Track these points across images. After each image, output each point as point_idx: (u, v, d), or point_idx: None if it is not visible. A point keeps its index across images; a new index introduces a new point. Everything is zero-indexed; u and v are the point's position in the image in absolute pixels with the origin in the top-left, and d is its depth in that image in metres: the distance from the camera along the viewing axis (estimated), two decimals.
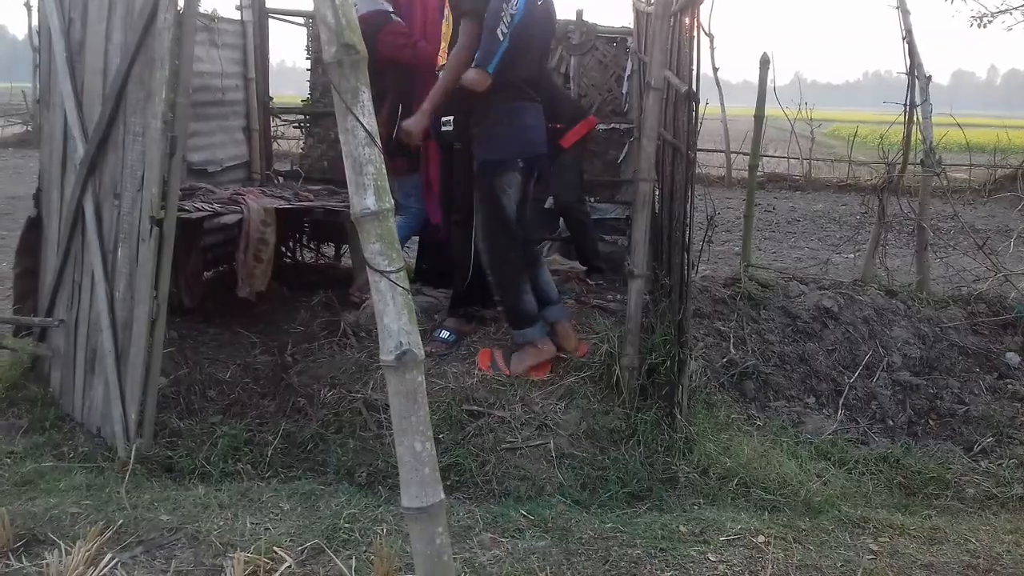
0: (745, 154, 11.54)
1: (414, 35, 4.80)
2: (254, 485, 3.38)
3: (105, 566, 2.60)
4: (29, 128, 17.83)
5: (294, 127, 6.63)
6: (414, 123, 4.21)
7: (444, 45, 4.32)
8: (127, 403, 3.55)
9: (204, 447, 3.62)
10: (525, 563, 2.82)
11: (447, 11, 4.35)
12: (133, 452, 3.44)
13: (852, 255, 8.59)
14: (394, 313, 2.09)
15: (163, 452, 3.59)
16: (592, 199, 6.22)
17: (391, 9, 4.73)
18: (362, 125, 2.05)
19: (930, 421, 4.50)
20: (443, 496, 2.06)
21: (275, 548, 2.73)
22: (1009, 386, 4.68)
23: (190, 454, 3.58)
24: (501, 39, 3.88)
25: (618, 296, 5.32)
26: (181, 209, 3.96)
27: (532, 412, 3.88)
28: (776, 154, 17.44)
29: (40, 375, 4.17)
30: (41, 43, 4.01)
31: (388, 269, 2.09)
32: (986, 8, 15.61)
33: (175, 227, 3.51)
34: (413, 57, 4.76)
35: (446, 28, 4.34)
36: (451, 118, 4.19)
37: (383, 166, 2.11)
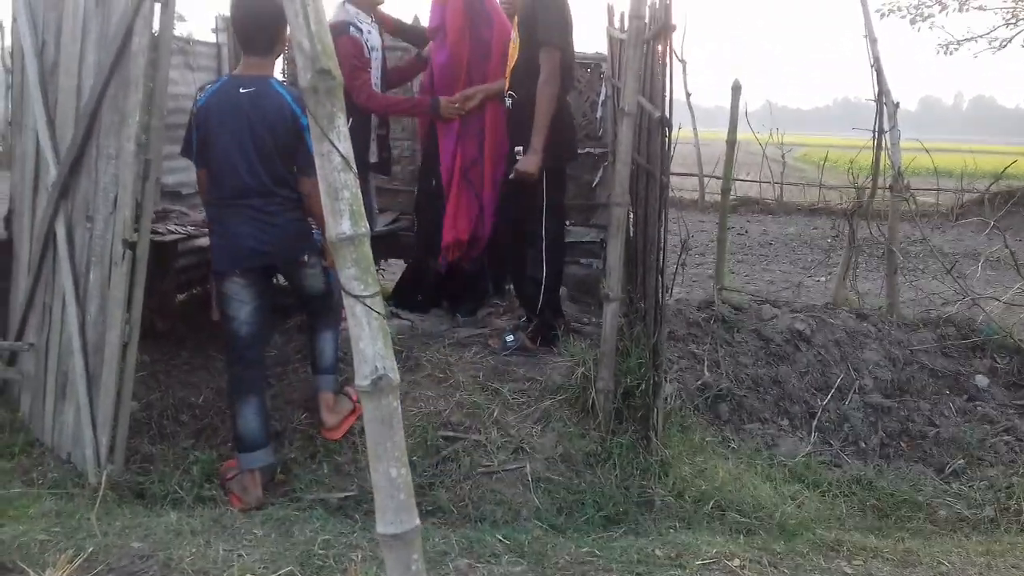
0: (718, 178, 11.68)
1: (365, 64, 4.62)
2: (227, 511, 3.34)
3: None
4: (1, 149, 17.64)
5: None
6: (532, 163, 4.34)
7: (509, 68, 4.58)
8: (98, 428, 3.50)
9: (176, 472, 3.58)
10: None
11: (515, 34, 4.45)
12: (104, 478, 3.39)
13: (824, 278, 8.71)
14: (369, 338, 2.08)
15: (135, 478, 3.54)
16: (567, 222, 6.25)
17: (354, 23, 4.62)
18: (337, 150, 2.06)
19: (902, 443, 4.54)
20: (418, 522, 2.05)
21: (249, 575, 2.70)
22: (979, 408, 4.75)
23: (162, 479, 3.53)
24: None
25: (593, 319, 5.34)
26: (154, 232, 3.93)
27: (508, 436, 3.87)
28: (748, 178, 17.65)
29: (9, 400, 4.11)
30: (14, 64, 3.99)
31: (363, 294, 2.08)
32: (952, 36, 16.01)
33: (148, 250, 3.48)
34: (349, 80, 4.68)
35: (512, 49, 4.55)
36: (521, 148, 4.42)
37: (359, 191, 2.11)
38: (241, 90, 3.50)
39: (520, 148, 4.43)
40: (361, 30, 4.58)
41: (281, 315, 4.77)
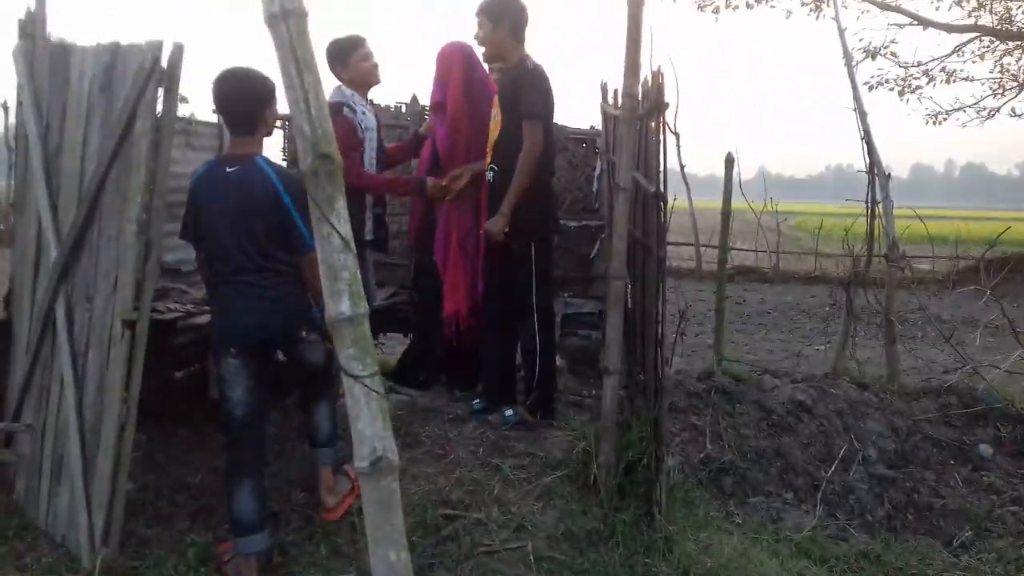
0: (714, 247, 11.75)
1: (356, 144, 4.69)
2: None
3: None
4: (2, 227, 17.78)
5: None
6: (496, 224, 4.45)
7: (490, 144, 4.69)
8: (93, 511, 3.45)
9: (172, 556, 3.51)
10: None
11: (495, 111, 4.57)
12: (98, 563, 3.33)
13: (823, 347, 8.69)
14: (368, 418, 2.07)
15: (129, 562, 3.47)
16: (565, 294, 6.28)
17: (348, 104, 4.72)
18: (337, 232, 2.08)
19: (908, 515, 4.48)
20: None
21: None
22: (984, 478, 4.70)
23: (157, 564, 3.46)
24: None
25: (593, 392, 5.31)
26: (154, 310, 3.94)
27: (509, 513, 3.82)
28: (744, 247, 17.81)
29: (4, 482, 4.06)
30: (17, 148, 4.04)
31: (362, 374, 2.08)
32: (940, 107, 16.29)
33: (147, 329, 3.48)
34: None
35: (494, 127, 4.67)
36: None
37: (358, 272, 2.13)
38: (227, 170, 3.54)
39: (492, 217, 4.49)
40: (355, 111, 4.68)
41: (280, 392, 4.75)
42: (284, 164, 6.54)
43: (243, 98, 3.56)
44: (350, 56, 4.72)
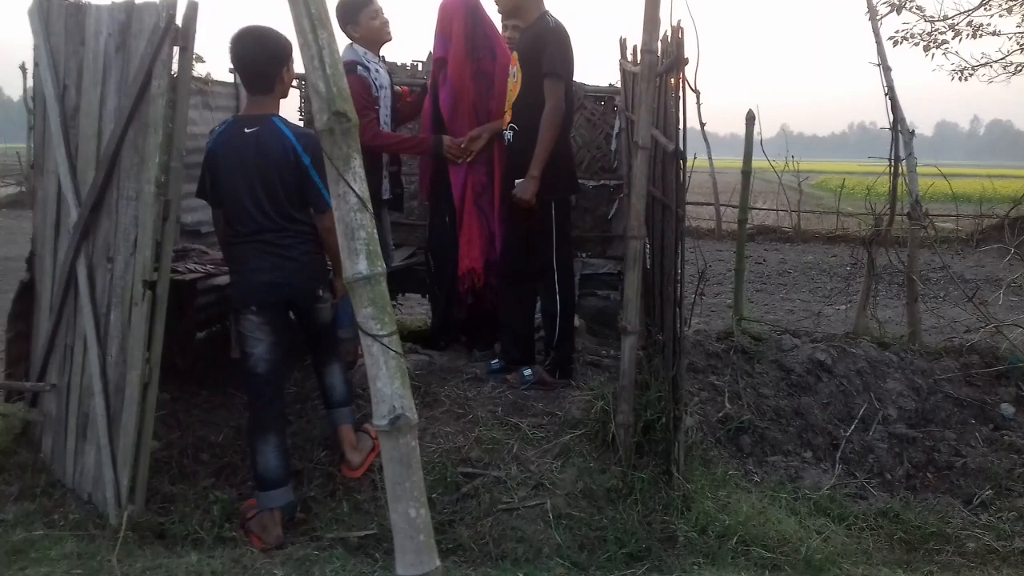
0: (734, 207, 11.65)
1: (372, 103, 4.67)
2: (247, 551, 3.34)
3: None
4: (23, 189, 17.93)
5: None
6: (527, 188, 4.42)
7: (509, 102, 4.65)
8: (119, 468, 3.51)
9: (197, 512, 3.57)
10: None
11: (514, 68, 4.52)
12: (125, 519, 3.39)
13: (843, 307, 8.63)
14: (387, 377, 2.09)
15: (155, 518, 3.53)
16: (584, 254, 6.25)
17: (362, 62, 4.65)
18: (353, 191, 2.08)
19: (928, 474, 4.47)
20: (439, 563, 2.03)
21: None
22: (1005, 437, 4.67)
23: (183, 520, 3.52)
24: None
25: (611, 352, 5.31)
26: (174, 271, 3.96)
27: (528, 471, 3.85)
28: (765, 206, 17.65)
29: (31, 441, 4.13)
30: (36, 109, 4.05)
31: (381, 333, 2.09)
32: (966, 62, 15.96)
33: (168, 289, 3.51)
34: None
35: (513, 85, 4.62)
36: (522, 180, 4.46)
37: (375, 231, 2.12)
38: (246, 130, 3.56)
39: (520, 180, 4.46)
40: (369, 69, 4.65)
41: (299, 352, 4.79)
42: (301, 124, 6.51)
43: (260, 57, 3.55)
44: (360, 14, 4.67)
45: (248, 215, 3.56)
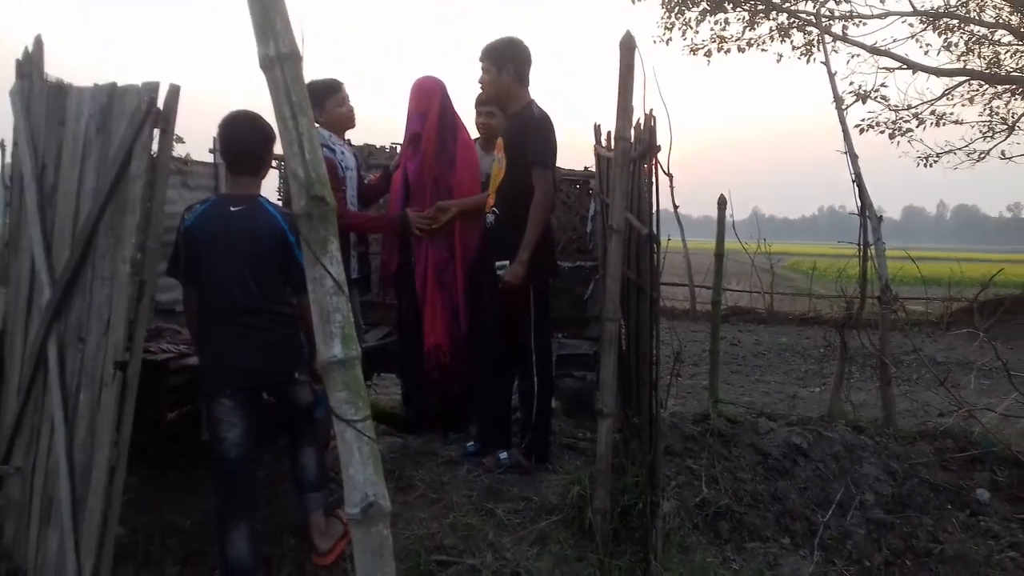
0: (707, 288, 11.77)
1: (338, 184, 4.72)
2: None
3: None
4: None
5: None
6: (518, 274, 4.44)
7: (493, 186, 4.72)
8: (82, 555, 3.39)
9: None
10: None
11: (499, 155, 4.61)
12: None
13: (818, 389, 8.66)
14: (359, 464, 2.05)
15: None
16: (560, 335, 6.26)
17: (328, 144, 4.70)
18: (330, 274, 2.08)
19: (907, 561, 4.42)
20: None
21: None
22: (982, 523, 4.65)
23: None
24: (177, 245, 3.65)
25: (588, 434, 5.28)
26: (146, 351, 3.91)
27: (503, 559, 3.76)
28: (738, 288, 17.83)
29: None
30: (13, 187, 4.05)
31: (354, 418, 2.06)
32: (931, 149, 16.46)
33: (139, 370, 3.46)
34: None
35: (496, 170, 4.71)
36: (507, 262, 4.50)
37: (350, 314, 2.12)
38: (231, 208, 3.58)
39: (504, 262, 4.51)
40: (334, 151, 4.73)
41: (269, 435, 4.71)
42: (279, 204, 6.54)
43: (254, 140, 3.62)
44: (327, 100, 4.78)
45: (230, 296, 3.53)
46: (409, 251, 5.09)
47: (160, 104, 3.45)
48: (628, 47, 3.74)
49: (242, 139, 3.63)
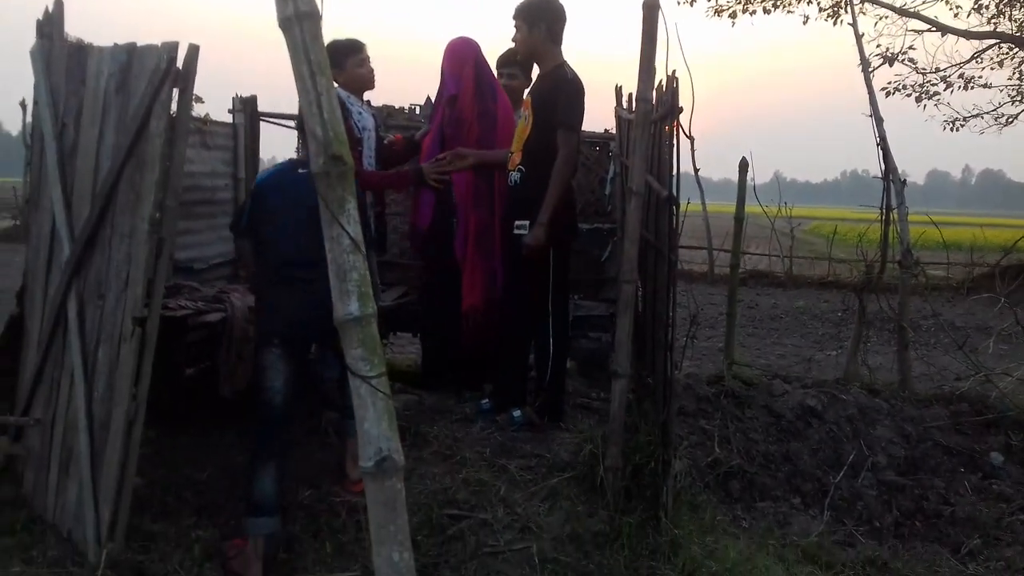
0: (727, 251, 11.71)
1: (355, 143, 4.68)
2: None
3: None
4: (17, 223, 17.92)
5: None
6: (539, 237, 4.46)
7: (519, 144, 4.67)
8: (100, 505, 3.47)
9: (177, 552, 3.52)
10: None
11: (526, 112, 4.58)
12: (104, 556, 3.35)
13: (834, 352, 8.64)
14: (374, 419, 2.09)
15: (135, 556, 3.48)
16: (576, 296, 6.27)
17: (345, 104, 4.66)
18: (347, 233, 2.10)
19: (916, 522, 4.45)
20: None
21: None
22: (994, 487, 4.66)
23: (163, 559, 3.48)
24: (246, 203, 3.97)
25: (602, 394, 5.31)
26: (165, 307, 3.97)
27: (515, 514, 3.82)
28: (757, 251, 17.72)
29: (14, 475, 4.09)
30: (33, 146, 4.08)
31: (369, 374, 2.10)
32: (958, 113, 16.19)
33: (158, 326, 3.51)
34: None
35: (522, 127, 4.68)
36: (526, 222, 4.51)
37: (367, 273, 2.14)
38: (300, 171, 3.82)
39: (524, 222, 4.50)
40: (351, 111, 4.71)
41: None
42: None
43: None
44: (346, 60, 4.75)
45: (286, 251, 3.74)
46: (443, 211, 5.09)
47: (180, 64, 3.46)
48: (651, 7, 3.71)
49: None
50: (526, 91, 5.06)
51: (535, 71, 4.95)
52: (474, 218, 4.97)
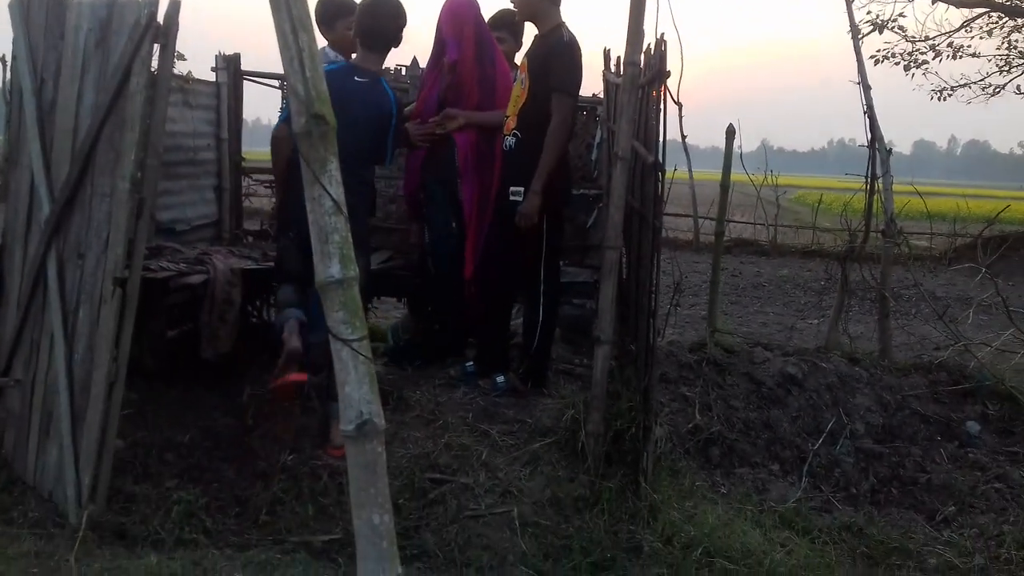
0: (712, 219, 11.73)
1: None
2: (208, 554, 3.30)
3: None
4: None
5: (265, 186, 6.64)
6: (533, 205, 4.45)
7: (514, 109, 4.61)
8: (81, 467, 3.47)
9: (159, 514, 3.53)
10: None
11: (522, 75, 4.51)
12: (85, 518, 3.35)
13: (816, 321, 8.71)
14: (355, 382, 2.08)
15: (116, 518, 3.49)
16: (562, 262, 6.25)
17: (333, 59, 4.66)
18: (329, 194, 2.07)
19: (893, 489, 4.51)
20: (400, 570, 2.03)
21: None
22: (970, 455, 4.73)
23: (144, 520, 3.48)
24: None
25: (584, 360, 5.33)
26: (146, 269, 3.93)
27: (496, 479, 3.85)
28: (742, 219, 17.76)
29: None
30: (12, 103, 4.01)
31: (351, 337, 2.09)
32: (945, 82, 16.20)
33: (139, 288, 3.48)
34: None
35: (518, 91, 4.59)
36: (521, 188, 4.50)
37: (348, 235, 2.12)
38: (356, 78, 4.12)
39: (519, 188, 4.46)
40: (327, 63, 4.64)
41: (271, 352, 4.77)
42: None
43: (391, 22, 4.20)
44: (337, 21, 4.68)
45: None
46: (434, 175, 5.03)
47: (160, 19, 3.39)
48: None
49: (382, 17, 4.17)
50: (518, 54, 5.00)
51: (526, 35, 4.89)
52: (477, 181, 4.91)
